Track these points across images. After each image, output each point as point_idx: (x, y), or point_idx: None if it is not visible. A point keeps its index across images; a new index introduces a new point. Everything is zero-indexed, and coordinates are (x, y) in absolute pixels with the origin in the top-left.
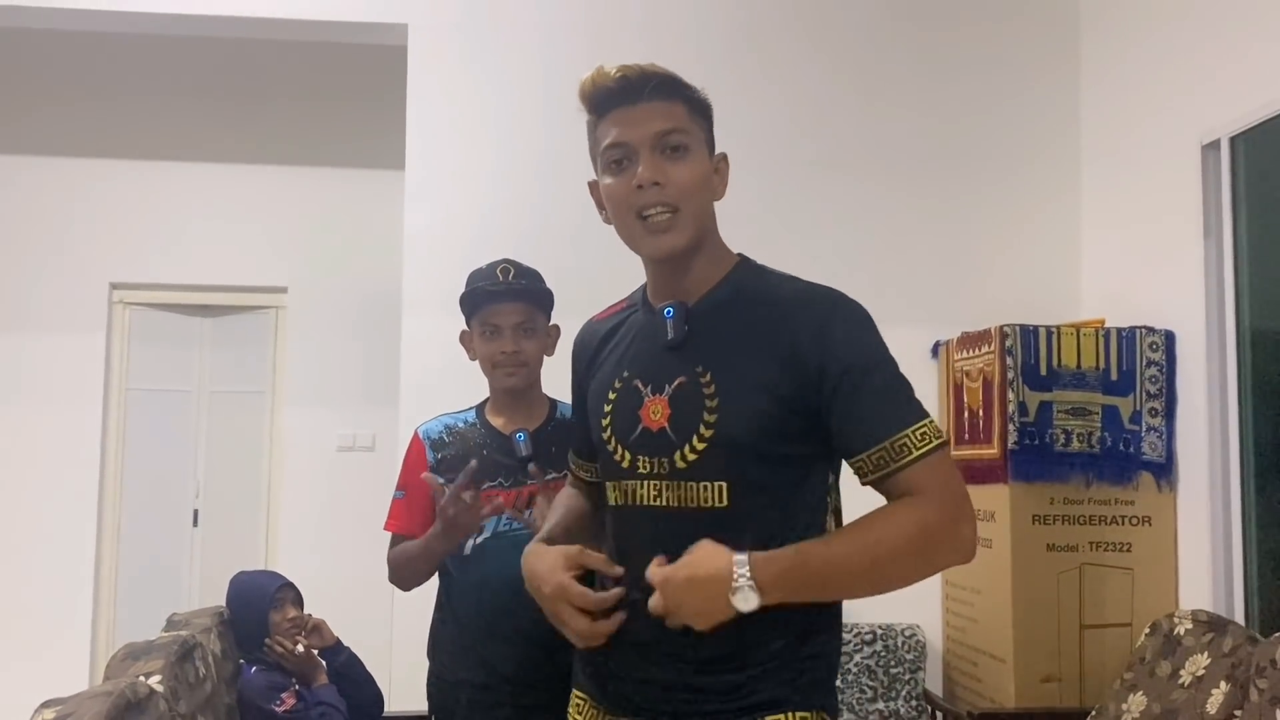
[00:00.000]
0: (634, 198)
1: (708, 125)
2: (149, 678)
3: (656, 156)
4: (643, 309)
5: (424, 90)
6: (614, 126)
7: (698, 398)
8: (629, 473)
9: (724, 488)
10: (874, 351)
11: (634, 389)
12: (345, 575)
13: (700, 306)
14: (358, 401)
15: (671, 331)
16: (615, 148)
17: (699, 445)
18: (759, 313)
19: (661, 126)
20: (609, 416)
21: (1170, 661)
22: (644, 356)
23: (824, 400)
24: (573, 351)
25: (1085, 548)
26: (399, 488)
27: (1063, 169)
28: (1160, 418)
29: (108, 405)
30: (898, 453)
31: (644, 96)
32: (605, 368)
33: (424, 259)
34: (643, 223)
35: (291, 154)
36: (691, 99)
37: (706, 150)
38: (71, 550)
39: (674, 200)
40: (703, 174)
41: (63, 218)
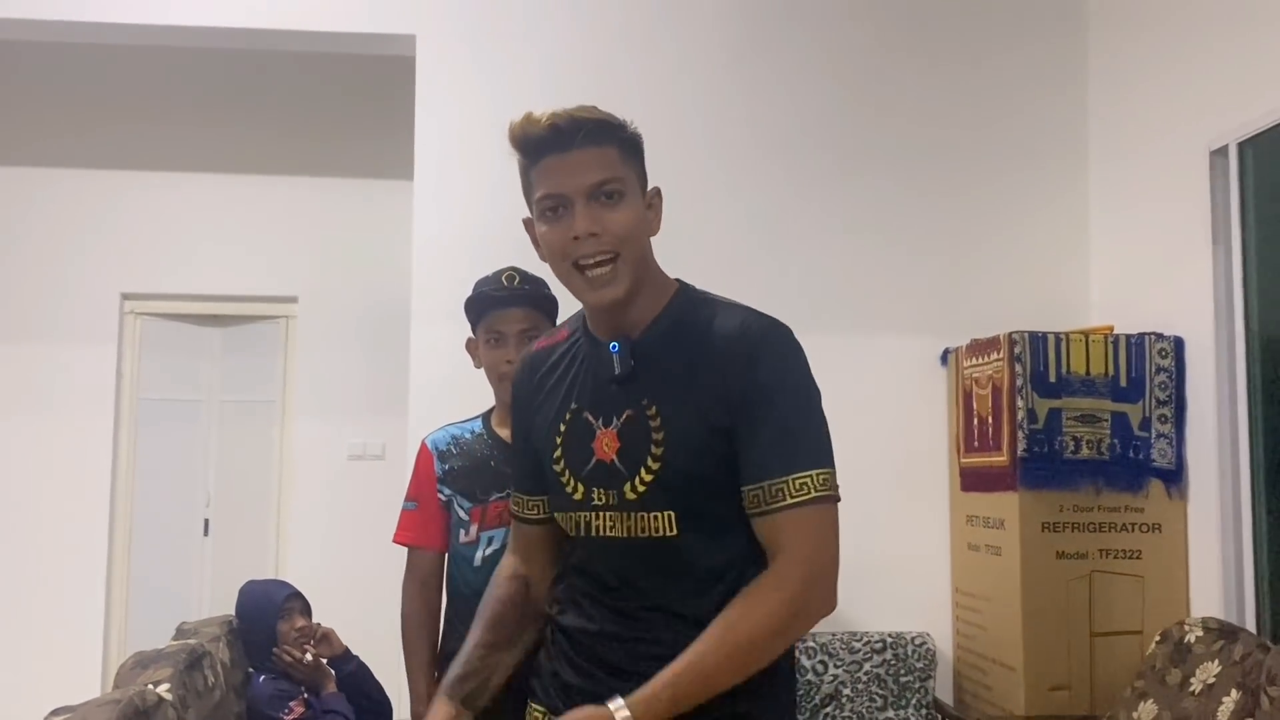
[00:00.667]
0: (571, 248)
1: (639, 162)
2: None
3: (592, 206)
4: (585, 339)
5: (432, 100)
6: (548, 176)
7: (644, 431)
8: (583, 504)
9: (672, 517)
10: (788, 389)
11: (584, 421)
12: (355, 584)
13: (643, 340)
14: (367, 410)
15: (619, 367)
16: (550, 198)
17: (646, 477)
18: (696, 346)
19: (596, 177)
20: (560, 449)
21: (1181, 669)
22: (591, 389)
23: (735, 433)
24: (513, 383)
25: (1095, 555)
26: (409, 498)
27: (1071, 175)
28: (1170, 424)
29: (119, 415)
30: (772, 496)
31: (575, 144)
32: (551, 399)
33: (433, 268)
34: (582, 274)
35: (301, 164)
36: (623, 139)
37: (639, 190)
38: (83, 558)
39: (612, 247)
40: (637, 217)
41: (74, 229)
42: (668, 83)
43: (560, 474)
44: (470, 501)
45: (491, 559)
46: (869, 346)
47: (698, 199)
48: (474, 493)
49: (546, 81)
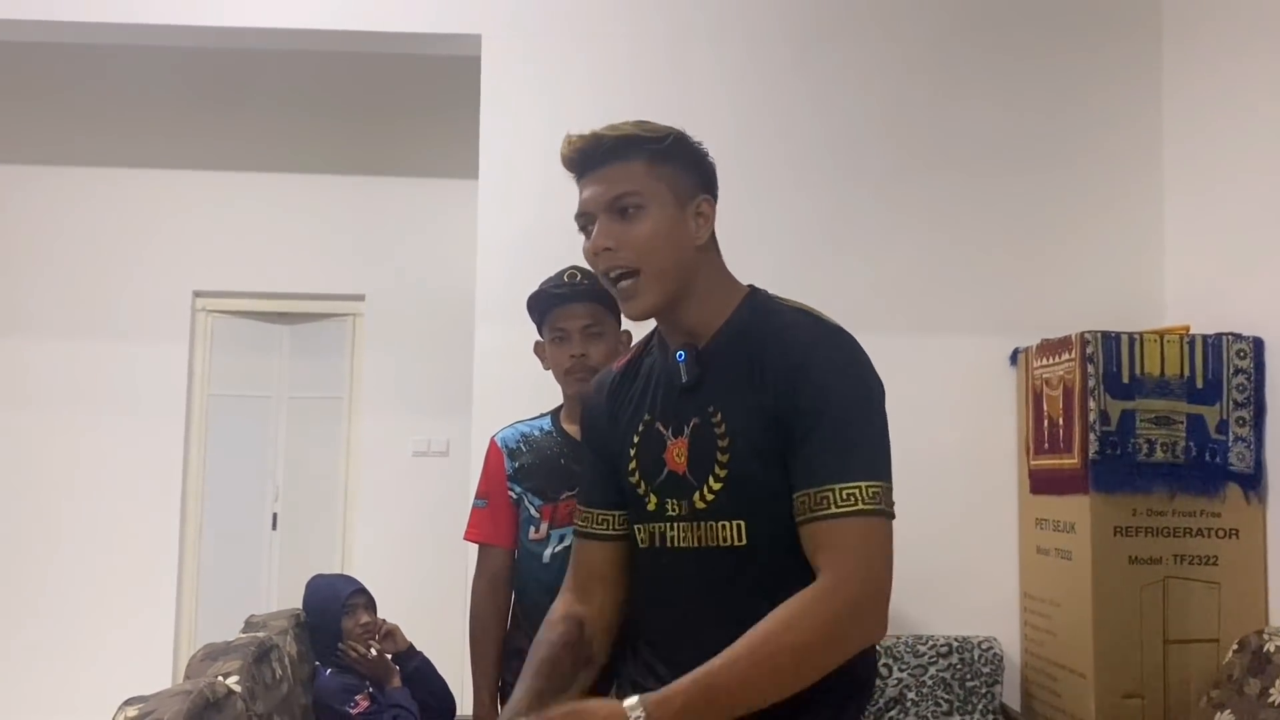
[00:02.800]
0: (595, 263)
1: (678, 170)
2: (227, 678)
3: (612, 220)
4: (659, 350)
5: (497, 100)
6: (581, 192)
7: (711, 438)
8: (656, 515)
9: (741, 526)
10: (842, 396)
11: (656, 432)
12: (419, 579)
13: (709, 348)
14: (432, 408)
15: (685, 375)
16: (581, 215)
17: (715, 485)
18: (759, 352)
19: (614, 192)
20: (634, 460)
21: (1260, 680)
22: (662, 399)
23: (789, 437)
24: (584, 406)
25: (1169, 560)
26: (479, 495)
27: (1144, 170)
28: (1248, 427)
29: (190, 411)
30: (817, 503)
31: (600, 162)
32: (627, 412)
33: (497, 267)
34: (615, 287)
35: (369, 164)
36: (655, 151)
37: (672, 201)
38: (155, 552)
39: (630, 262)
40: (659, 230)
41: (147, 228)
42: (733, 81)
43: (636, 485)
44: (541, 499)
45: (561, 556)
46: (937, 346)
47: (764, 198)
48: (544, 490)
49: (611, 81)
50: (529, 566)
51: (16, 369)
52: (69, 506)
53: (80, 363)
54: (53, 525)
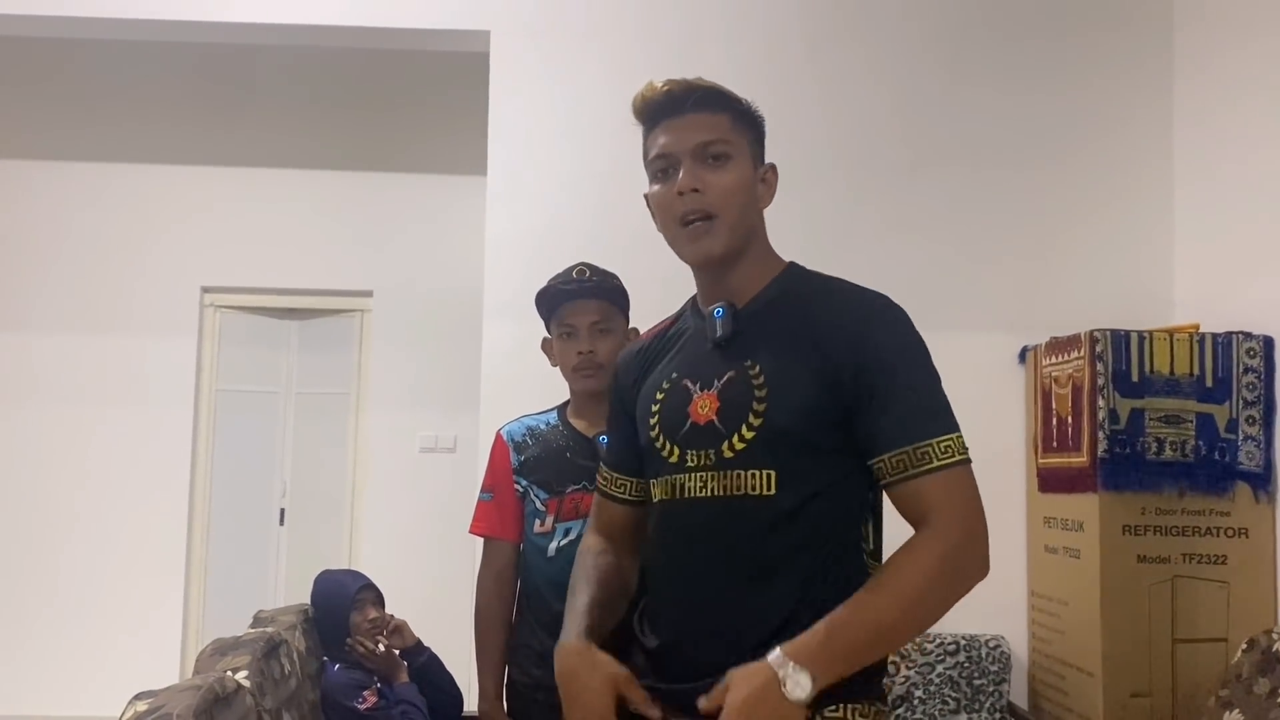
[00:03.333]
0: (675, 204)
1: (755, 137)
2: (237, 673)
3: (697, 165)
4: (692, 316)
5: (505, 96)
6: (660, 137)
7: (747, 390)
8: (677, 467)
9: (772, 475)
10: (911, 357)
11: (682, 388)
12: (427, 575)
13: (749, 308)
14: (439, 404)
15: (720, 329)
16: (660, 158)
17: (747, 434)
18: (805, 311)
19: (703, 137)
20: (657, 415)
21: (1269, 679)
22: (692, 358)
23: (857, 399)
24: (615, 373)
25: (1178, 559)
26: (485, 489)
27: (1154, 168)
28: (1258, 426)
29: (198, 406)
30: (918, 460)
31: (688, 108)
32: (653, 376)
33: (505, 264)
34: (684, 229)
35: (377, 160)
36: (737, 110)
37: (750, 160)
38: (163, 547)
39: (712, 207)
40: (743, 182)
41: (156, 223)
42: (743, 77)
43: (655, 439)
44: (547, 493)
45: (567, 550)
46: (945, 344)
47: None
48: (550, 484)
49: (619, 78)
50: (534, 560)
51: (26, 364)
52: (78, 501)
53: (89, 358)
54: (61, 520)
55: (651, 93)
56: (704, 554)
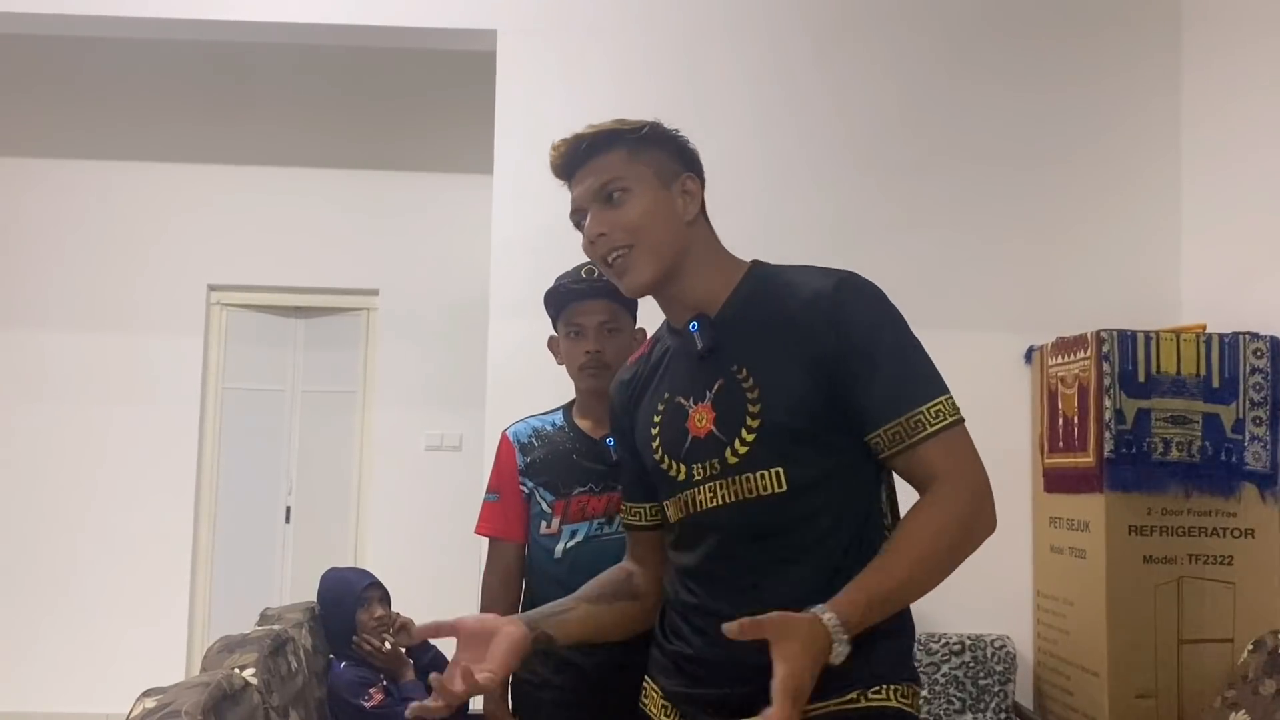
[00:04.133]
0: (593, 251)
1: (663, 156)
2: (244, 670)
3: (598, 209)
4: (669, 336)
5: (512, 95)
6: (573, 192)
7: (739, 394)
8: (685, 483)
9: (780, 473)
10: (887, 328)
11: (677, 405)
12: (432, 573)
13: (722, 314)
14: (445, 402)
15: (700, 342)
16: (576, 213)
17: (748, 437)
18: (778, 307)
19: (596, 183)
20: (657, 438)
21: (1275, 680)
22: (680, 375)
23: (844, 379)
24: (611, 403)
25: (1184, 560)
26: (491, 490)
27: (1162, 169)
28: (1264, 426)
29: (205, 404)
30: (913, 428)
31: (582, 160)
32: (646, 401)
33: (511, 263)
34: (610, 269)
35: (383, 158)
36: (631, 140)
37: (656, 184)
38: (170, 545)
39: (623, 240)
40: (646, 208)
41: (163, 222)
42: (750, 75)
43: (660, 460)
44: (553, 494)
45: (573, 551)
46: (951, 343)
47: (781, 191)
48: (557, 486)
49: (626, 77)
50: (540, 561)
51: (32, 362)
52: (85, 499)
53: (95, 356)
54: (69, 517)
55: (554, 155)
56: (725, 558)
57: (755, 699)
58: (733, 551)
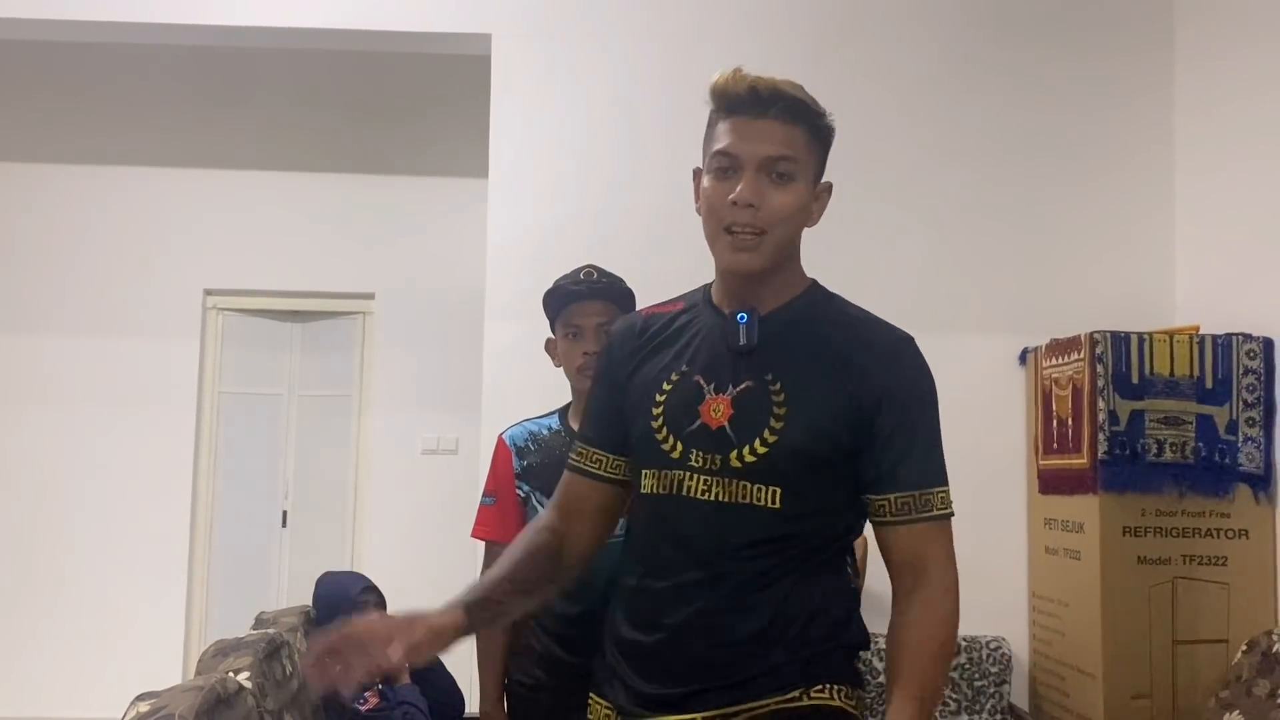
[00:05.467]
0: (727, 211)
1: (822, 153)
2: (238, 674)
3: (760, 178)
4: (705, 310)
5: (507, 99)
6: (730, 134)
7: (765, 404)
8: (678, 463)
9: (777, 492)
10: (929, 405)
11: (694, 384)
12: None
13: (772, 318)
14: (442, 405)
15: (744, 337)
16: (724, 155)
17: (760, 449)
18: (831, 335)
19: (773, 151)
20: (661, 407)
21: (1269, 680)
22: (707, 356)
23: (870, 435)
24: (608, 342)
25: (1178, 561)
26: (487, 493)
27: (1156, 171)
28: (1258, 428)
29: (201, 408)
30: (922, 505)
31: (768, 113)
32: (656, 360)
33: (506, 266)
34: (728, 236)
35: (379, 163)
36: (815, 125)
37: (812, 179)
38: (165, 548)
39: (764, 224)
40: (799, 204)
41: (159, 226)
42: None
43: (657, 431)
44: (549, 498)
45: None
46: (945, 345)
47: None
48: (553, 489)
49: (621, 82)
50: None
51: (28, 366)
52: (80, 503)
53: (91, 360)
54: (64, 521)
55: (735, 84)
56: (697, 554)
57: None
58: (702, 554)
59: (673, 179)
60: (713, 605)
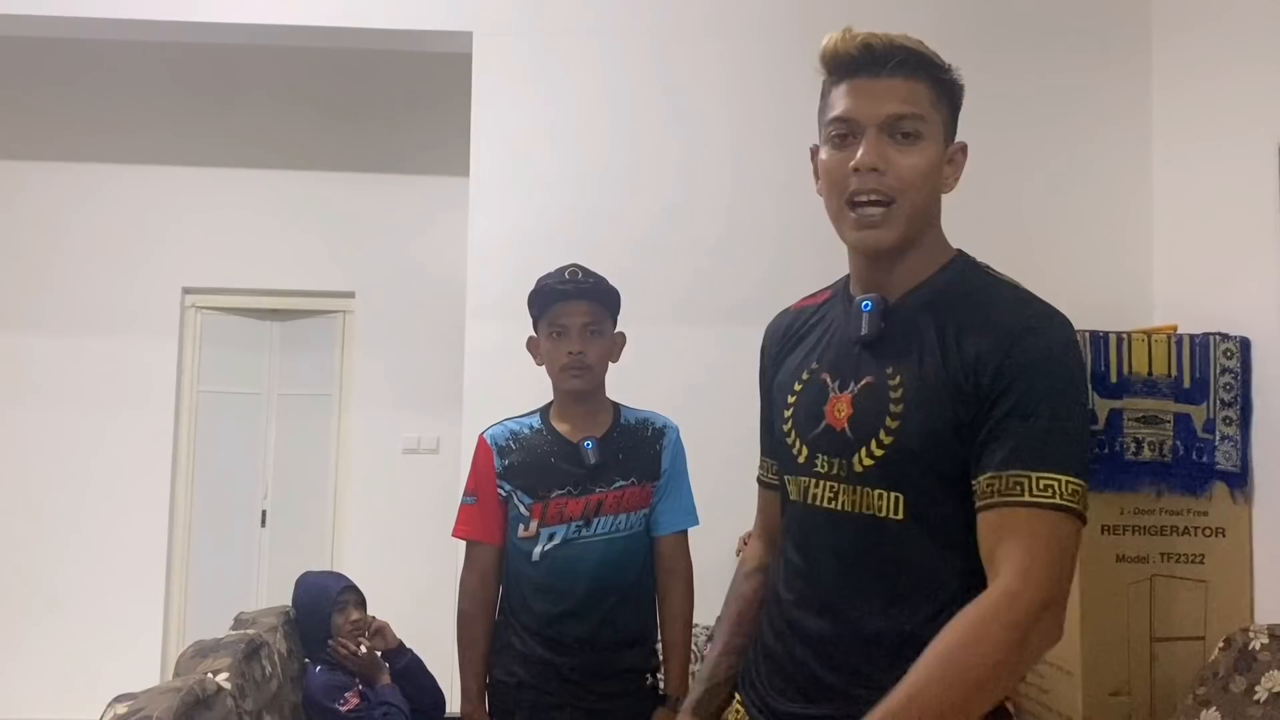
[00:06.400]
0: (849, 180)
1: (952, 110)
2: (217, 675)
3: (883, 140)
4: (841, 298)
5: (488, 98)
6: (846, 98)
7: (883, 401)
8: (805, 468)
9: (900, 500)
10: (1048, 379)
11: (821, 383)
12: (409, 576)
13: (902, 303)
14: (422, 405)
15: (865, 327)
16: (840, 121)
17: (876, 451)
18: (960, 317)
19: (895, 109)
20: (792, 409)
21: (1245, 677)
22: (835, 350)
23: (982, 417)
24: (762, 344)
25: (1156, 559)
26: (468, 493)
27: (1135, 172)
28: (1235, 426)
29: (180, 407)
30: (1008, 488)
31: (885, 71)
32: (794, 358)
33: (487, 265)
34: (852, 211)
35: (360, 161)
36: (940, 80)
37: (943, 138)
38: (144, 549)
39: (892, 191)
40: (930, 165)
41: (137, 224)
42: (725, 78)
43: (787, 433)
44: (531, 497)
45: (551, 554)
46: None
47: (753, 193)
48: (535, 489)
49: (602, 79)
50: (518, 564)
51: (4, 365)
52: (58, 503)
53: (69, 359)
54: (42, 522)
55: (846, 44)
56: (827, 563)
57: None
58: (840, 567)
59: (656, 177)
60: (837, 623)
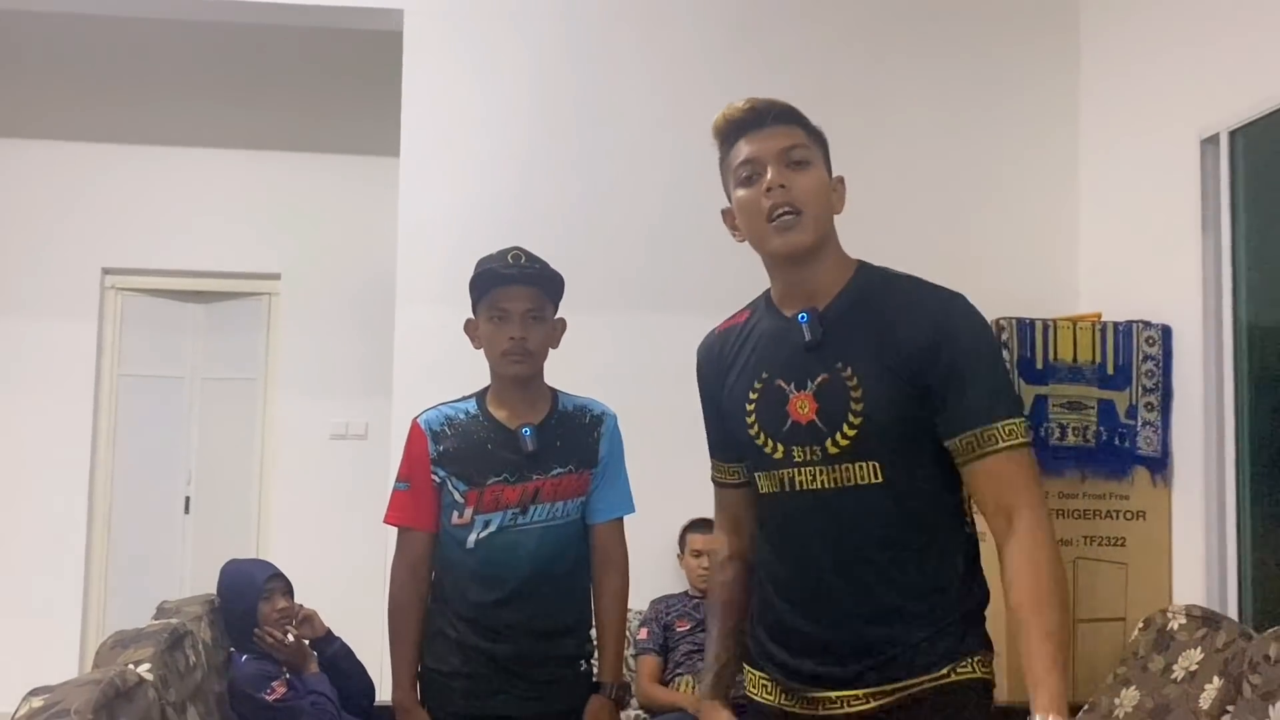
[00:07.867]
0: (763, 202)
1: (824, 150)
2: (139, 666)
3: (782, 167)
4: (767, 316)
5: (419, 77)
6: (746, 146)
7: (843, 392)
8: (784, 462)
9: (877, 466)
10: (982, 348)
11: (776, 388)
12: (337, 564)
13: (831, 310)
14: (350, 389)
15: (809, 334)
16: (747, 164)
17: (849, 432)
18: (887, 309)
19: (786, 143)
20: (754, 415)
21: (1163, 656)
22: (781, 358)
23: (937, 386)
24: (697, 363)
25: (1079, 542)
26: (401, 478)
27: (1061, 162)
28: (1156, 412)
29: (99, 391)
30: (984, 441)
31: (769, 122)
32: (737, 372)
33: (419, 247)
34: (771, 224)
35: (286, 140)
36: (809, 127)
37: (825, 168)
38: (62, 537)
39: (798, 202)
40: (822, 184)
41: (56, 203)
42: (663, 62)
43: (756, 437)
44: (466, 484)
45: (486, 542)
46: None
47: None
48: (470, 475)
49: (537, 61)
50: (451, 551)
51: None
52: None
53: None
54: None
55: (734, 111)
56: (819, 536)
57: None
58: (830, 534)
59: (588, 160)
60: (840, 587)
